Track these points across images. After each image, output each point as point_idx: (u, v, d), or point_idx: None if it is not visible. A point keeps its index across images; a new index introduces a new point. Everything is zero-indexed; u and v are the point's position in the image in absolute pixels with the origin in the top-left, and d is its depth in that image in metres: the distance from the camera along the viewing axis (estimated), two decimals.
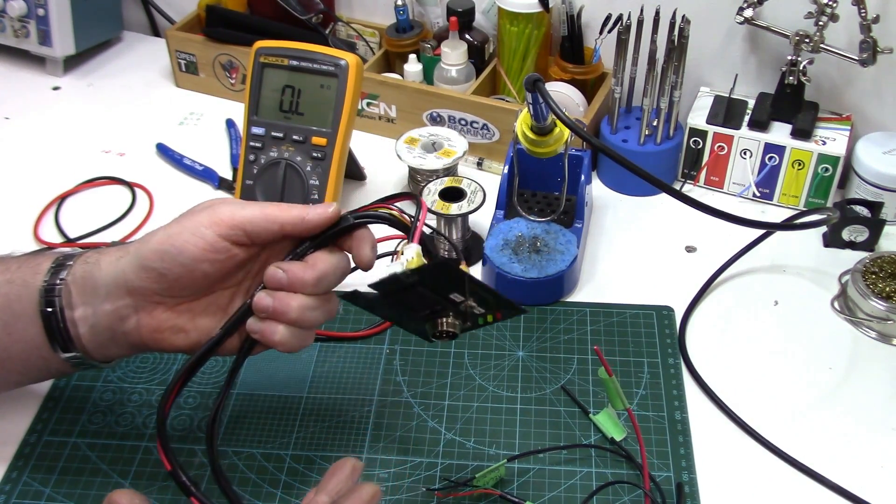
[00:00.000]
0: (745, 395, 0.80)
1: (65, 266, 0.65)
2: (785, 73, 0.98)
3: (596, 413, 0.78)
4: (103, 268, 0.63)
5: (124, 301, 0.63)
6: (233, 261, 0.63)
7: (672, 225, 1.00)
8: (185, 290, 0.63)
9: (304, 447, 0.76)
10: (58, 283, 0.64)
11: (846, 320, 0.88)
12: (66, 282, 0.63)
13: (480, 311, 0.61)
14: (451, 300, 0.60)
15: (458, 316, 0.61)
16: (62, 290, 0.63)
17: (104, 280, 0.63)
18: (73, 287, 0.63)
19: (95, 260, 0.64)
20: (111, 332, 0.64)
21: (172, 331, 0.64)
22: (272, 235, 0.63)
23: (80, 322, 0.64)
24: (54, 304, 0.63)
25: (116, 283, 0.62)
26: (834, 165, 0.97)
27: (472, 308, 0.60)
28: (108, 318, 0.63)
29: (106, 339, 0.64)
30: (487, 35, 1.14)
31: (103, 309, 0.63)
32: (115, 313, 0.63)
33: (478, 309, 0.60)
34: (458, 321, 0.62)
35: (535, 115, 0.77)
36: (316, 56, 0.90)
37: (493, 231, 0.92)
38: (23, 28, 1.22)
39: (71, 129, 1.17)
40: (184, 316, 0.64)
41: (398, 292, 0.60)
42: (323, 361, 0.84)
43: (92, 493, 0.72)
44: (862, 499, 0.72)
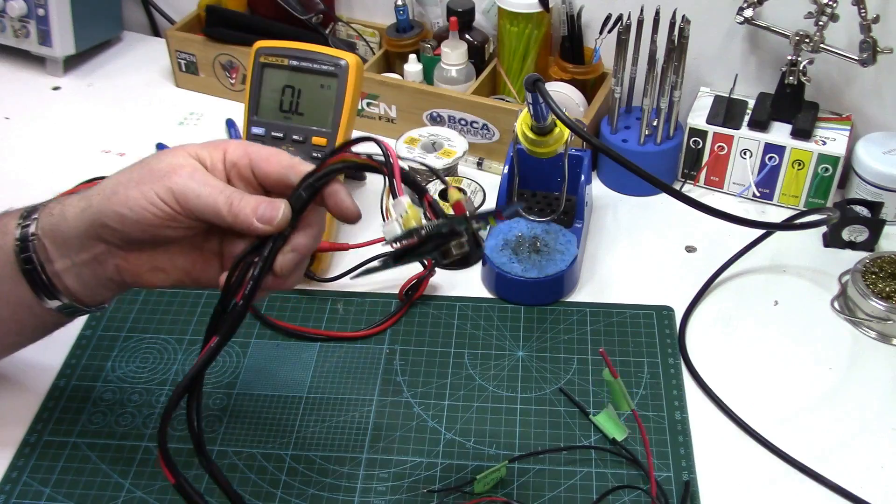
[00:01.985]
0: (745, 395, 0.80)
1: (31, 220, 0.63)
2: (785, 73, 0.98)
3: (596, 413, 0.78)
4: (70, 220, 0.62)
5: (99, 248, 0.62)
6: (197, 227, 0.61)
7: (672, 225, 1.00)
8: (152, 244, 0.62)
9: (304, 447, 0.76)
10: (30, 240, 0.63)
11: (846, 320, 0.88)
12: (37, 236, 0.63)
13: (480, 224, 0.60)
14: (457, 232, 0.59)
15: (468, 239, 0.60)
16: (36, 245, 0.63)
17: (74, 232, 0.62)
18: (45, 241, 0.63)
19: (60, 212, 0.63)
20: (96, 278, 0.63)
21: (151, 272, 0.63)
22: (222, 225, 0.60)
23: (64, 274, 0.63)
24: (32, 260, 0.63)
25: (87, 233, 0.61)
26: (834, 165, 0.97)
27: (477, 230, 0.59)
28: (88, 265, 0.63)
29: (93, 284, 0.64)
30: (487, 35, 1.14)
31: (81, 258, 0.62)
32: (94, 260, 0.62)
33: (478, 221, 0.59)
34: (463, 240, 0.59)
35: (535, 115, 0.77)
36: (316, 56, 0.90)
37: (493, 231, 0.92)
38: (23, 28, 1.22)
39: (71, 129, 1.17)
40: (161, 256, 0.63)
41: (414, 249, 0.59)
42: (323, 361, 0.84)
43: (92, 493, 0.72)
44: (862, 499, 0.72)
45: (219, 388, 0.81)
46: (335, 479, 0.74)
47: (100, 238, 0.62)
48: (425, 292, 0.90)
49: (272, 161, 0.61)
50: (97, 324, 0.87)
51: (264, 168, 0.61)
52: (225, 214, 0.59)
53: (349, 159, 0.60)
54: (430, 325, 0.87)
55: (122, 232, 0.60)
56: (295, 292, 0.91)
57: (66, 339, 0.85)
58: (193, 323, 0.87)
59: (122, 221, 0.60)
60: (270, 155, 0.62)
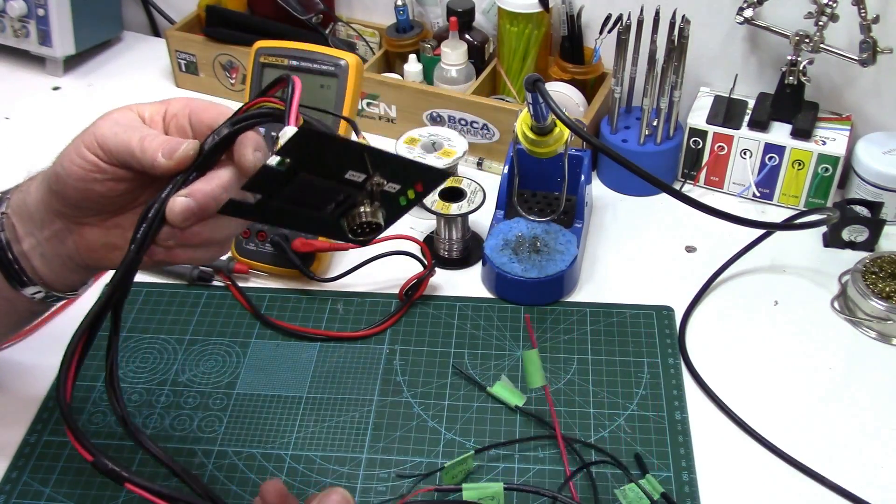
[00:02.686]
0: (745, 395, 0.80)
1: (3, 200, 0.63)
2: (785, 73, 0.98)
3: (491, 386, 0.79)
4: (32, 193, 0.61)
5: (56, 224, 0.61)
6: (128, 180, 0.58)
7: (672, 225, 1.00)
8: (93, 208, 0.60)
9: (304, 447, 0.76)
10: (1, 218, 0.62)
11: (846, 320, 0.88)
12: (7, 215, 0.62)
13: (394, 188, 0.52)
14: (352, 182, 0.52)
15: (373, 201, 0.53)
16: (4, 223, 0.62)
17: (35, 206, 0.61)
18: (14, 219, 0.62)
19: (26, 187, 0.62)
20: (59, 258, 0.62)
21: (106, 248, 0.61)
22: (147, 169, 0.57)
23: (31, 254, 0.62)
24: (1, 240, 0.61)
25: (45, 207, 0.60)
26: (834, 165, 0.97)
27: (380, 186, 0.52)
28: (50, 244, 0.61)
29: (58, 266, 0.62)
30: (487, 35, 1.14)
31: (43, 235, 0.61)
32: (55, 237, 0.61)
33: (390, 185, 0.52)
34: (375, 208, 0.53)
35: (535, 115, 0.77)
36: (316, 56, 0.90)
37: (493, 231, 0.92)
38: (23, 28, 1.22)
39: (71, 129, 1.16)
40: (113, 231, 0.61)
41: (280, 187, 0.52)
42: (323, 361, 0.84)
43: (92, 493, 0.72)
44: (862, 499, 0.72)
45: (219, 388, 0.81)
46: (335, 479, 0.74)
47: (53, 210, 0.60)
48: (425, 292, 0.90)
49: (210, 111, 0.59)
50: None
51: (201, 117, 0.59)
52: (136, 152, 0.56)
53: (268, 104, 0.56)
54: (430, 325, 0.87)
55: (62, 194, 0.59)
56: (295, 292, 0.91)
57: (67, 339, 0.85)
58: (193, 323, 0.87)
59: (58, 181, 0.58)
60: (209, 106, 0.60)
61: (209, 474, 0.74)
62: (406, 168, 0.52)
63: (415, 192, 0.53)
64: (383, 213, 0.54)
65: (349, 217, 0.54)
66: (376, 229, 0.54)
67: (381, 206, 0.53)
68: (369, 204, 0.53)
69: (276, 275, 0.93)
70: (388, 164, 0.51)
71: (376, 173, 0.51)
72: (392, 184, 0.52)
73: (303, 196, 0.53)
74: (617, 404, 0.79)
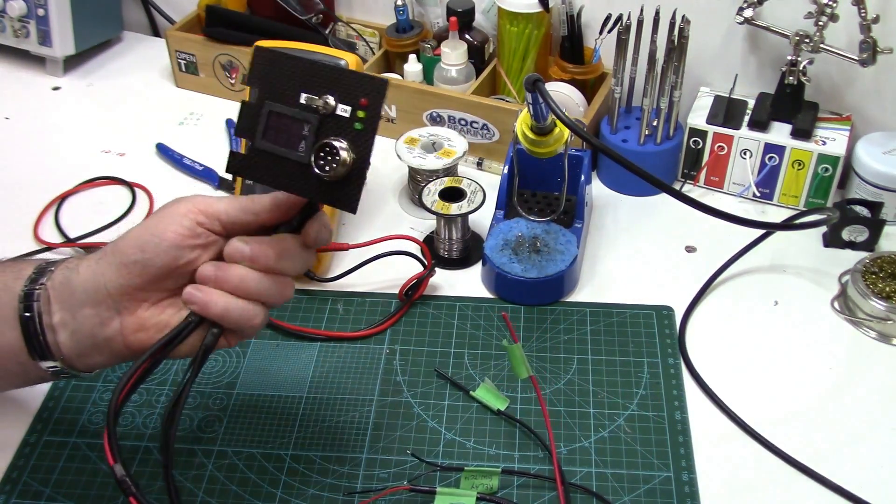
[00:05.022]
0: (745, 395, 0.80)
1: (46, 272, 0.64)
2: (785, 73, 0.98)
3: (474, 389, 0.79)
4: (81, 272, 0.62)
5: (105, 303, 0.61)
6: (211, 246, 0.62)
7: (672, 225, 1.00)
8: (167, 280, 0.62)
9: (304, 447, 0.76)
10: (37, 288, 0.62)
11: (846, 320, 0.88)
12: (45, 286, 0.62)
13: (346, 111, 0.56)
14: (309, 108, 0.57)
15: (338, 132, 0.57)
16: (41, 294, 0.62)
17: (83, 285, 0.62)
18: (51, 292, 0.62)
19: (75, 265, 0.63)
20: (93, 339, 0.62)
21: (157, 328, 0.62)
22: (246, 225, 0.62)
23: (59, 328, 0.62)
24: (32, 308, 0.62)
25: (95, 286, 0.61)
26: (834, 165, 0.97)
27: (331, 109, 0.56)
28: (89, 322, 0.62)
29: (87, 346, 0.63)
30: (487, 35, 1.14)
31: (83, 313, 0.62)
32: (97, 317, 0.62)
33: (341, 108, 0.56)
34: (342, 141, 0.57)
35: (535, 115, 0.77)
36: (316, 56, 0.90)
37: (493, 231, 0.92)
38: (23, 28, 1.22)
39: (71, 129, 1.17)
40: (167, 311, 0.62)
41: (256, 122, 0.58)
42: (323, 361, 0.84)
43: (92, 493, 0.72)
44: (862, 499, 0.72)
45: (219, 388, 0.81)
46: (335, 479, 0.74)
47: (108, 291, 0.61)
48: (425, 292, 0.90)
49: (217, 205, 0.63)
50: None
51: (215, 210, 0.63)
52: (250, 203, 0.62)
53: None
54: (430, 325, 0.87)
55: (141, 264, 0.60)
56: (295, 292, 0.91)
57: None
58: None
59: (142, 249, 0.60)
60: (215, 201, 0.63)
61: (209, 474, 0.74)
62: (348, 81, 0.55)
63: (363, 109, 0.56)
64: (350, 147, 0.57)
65: (315, 149, 0.57)
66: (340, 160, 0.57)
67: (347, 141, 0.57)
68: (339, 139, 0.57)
69: None
70: (332, 78, 0.55)
71: (325, 92, 0.55)
72: (342, 105, 0.56)
73: (276, 134, 0.58)
74: (617, 404, 0.79)
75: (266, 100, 0.59)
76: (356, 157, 0.57)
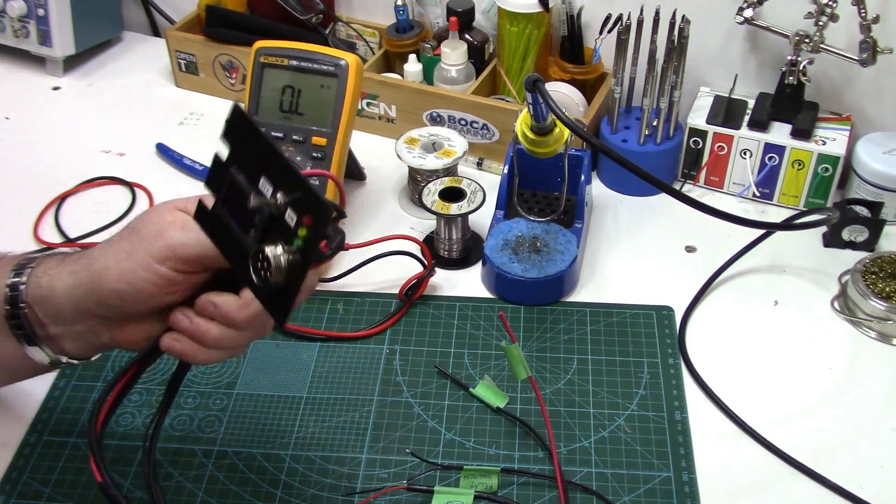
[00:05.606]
0: (745, 395, 0.80)
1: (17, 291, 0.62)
2: (785, 73, 0.98)
3: (474, 387, 0.79)
4: (59, 294, 0.62)
5: (93, 321, 0.62)
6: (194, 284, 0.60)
7: (672, 225, 1.00)
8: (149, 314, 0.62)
9: (304, 447, 0.76)
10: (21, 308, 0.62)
11: (846, 320, 0.88)
12: (28, 304, 0.62)
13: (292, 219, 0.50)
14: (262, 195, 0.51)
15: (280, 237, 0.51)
16: (27, 315, 0.62)
17: (66, 307, 0.62)
18: (36, 309, 0.62)
19: (48, 284, 0.62)
20: (91, 345, 0.64)
21: (147, 339, 0.63)
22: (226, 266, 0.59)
23: (60, 338, 0.63)
24: (23, 327, 0.62)
25: (77, 309, 0.61)
26: (834, 165, 0.97)
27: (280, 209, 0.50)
28: (83, 335, 0.63)
29: (90, 349, 0.65)
30: (487, 35, 1.14)
31: (75, 329, 0.63)
32: (89, 331, 0.63)
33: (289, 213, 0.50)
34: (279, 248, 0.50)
35: (535, 115, 0.77)
36: (316, 56, 0.90)
37: (493, 231, 0.92)
38: (23, 28, 1.22)
39: (71, 129, 1.17)
40: (156, 326, 0.63)
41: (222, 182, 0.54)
42: (323, 361, 0.84)
43: (92, 494, 0.72)
44: (862, 499, 0.72)
45: (219, 388, 0.81)
46: (335, 479, 0.74)
47: (94, 314, 0.62)
48: (425, 292, 0.90)
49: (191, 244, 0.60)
50: None
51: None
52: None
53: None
54: (430, 325, 0.87)
55: (122, 308, 0.60)
56: None
57: None
58: None
59: (121, 298, 0.60)
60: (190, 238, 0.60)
61: (209, 474, 0.74)
62: (301, 191, 0.50)
63: (305, 227, 0.50)
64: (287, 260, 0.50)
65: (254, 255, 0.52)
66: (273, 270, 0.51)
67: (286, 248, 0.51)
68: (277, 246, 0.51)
69: None
70: (289, 179, 0.50)
71: (279, 188, 0.50)
72: (290, 211, 0.50)
73: (233, 207, 0.54)
74: (617, 404, 0.79)
75: (232, 165, 0.54)
76: (293, 269, 0.51)
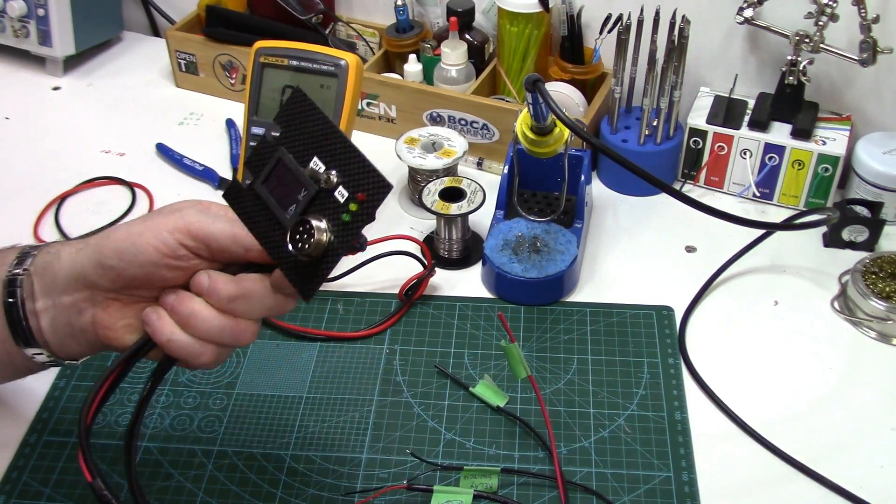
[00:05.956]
0: (745, 394, 0.80)
1: (29, 256, 0.63)
2: (785, 73, 0.98)
3: (474, 386, 0.79)
4: (63, 259, 0.61)
5: (82, 294, 0.61)
6: (193, 269, 0.59)
7: (672, 225, 1.00)
8: (140, 290, 0.61)
9: (304, 447, 0.76)
10: (20, 274, 0.62)
11: (846, 320, 0.88)
12: (28, 272, 0.62)
13: (342, 196, 0.52)
14: (314, 174, 0.53)
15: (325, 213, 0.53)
16: (24, 280, 0.62)
17: (63, 272, 0.61)
18: (34, 278, 0.62)
19: (56, 251, 0.62)
20: (70, 328, 0.62)
21: (126, 329, 0.61)
22: (235, 257, 0.59)
23: (42, 314, 0.62)
24: (16, 294, 0.61)
25: (75, 275, 0.60)
26: (834, 165, 0.97)
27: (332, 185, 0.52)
28: (66, 311, 0.61)
29: (65, 335, 0.62)
30: (487, 35, 1.14)
31: (62, 301, 0.61)
32: (73, 306, 0.61)
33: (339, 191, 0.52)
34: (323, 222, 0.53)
35: (535, 115, 0.77)
36: (316, 56, 0.90)
37: (493, 231, 0.92)
38: (23, 28, 1.22)
39: (71, 129, 1.17)
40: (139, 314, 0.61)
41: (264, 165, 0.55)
42: (323, 361, 0.84)
43: (92, 493, 0.72)
44: (862, 499, 0.72)
45: (219, 388, 0.81)
46: (335, 479, 0.74)
47: (85, 283, 0.60)
48: (425, 292, 0.90)
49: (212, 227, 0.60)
50: None
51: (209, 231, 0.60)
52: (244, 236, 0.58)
53: None
54: (430, 325, 0.87)
55: (116, 271, 0.59)
56: None
57: None
58: None
59: (119, 256, 0.59)
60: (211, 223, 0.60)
61: (209, 474, 0.74)
62: (359, 168, 0.51)
63: (357, 203, 0.52)
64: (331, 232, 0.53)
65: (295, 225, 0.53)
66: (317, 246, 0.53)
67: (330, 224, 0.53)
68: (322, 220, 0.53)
69: None
70: (345, 156, 0.52)
71: (333, 166, 0.52)
72: (342, 189, 0.52)
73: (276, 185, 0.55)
74: (617, 404, 0.79)
75: (282, 144, 0.56)
76: (331, 245, 0.53)
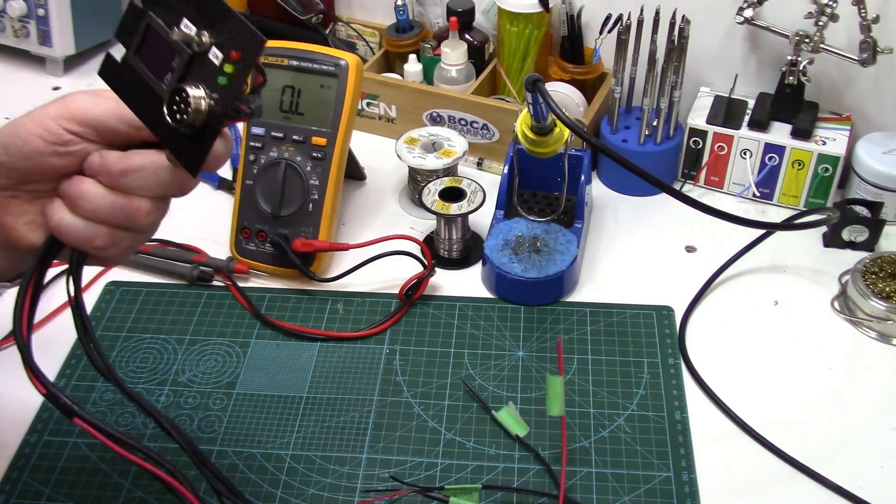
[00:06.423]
0: (745, 395, 0.80)
1: None
2: (785, 73, 0.98)
3: (497, 410, 0.78)
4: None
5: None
6: (85, 153, 0.56)
7: (672, 225, 1.00)
8: (37, 184, 0.58)
9: (304, 447, 0.76)
10: None
11: (846, 320, 0.88)
12: None
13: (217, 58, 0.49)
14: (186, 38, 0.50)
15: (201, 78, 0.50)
16: None
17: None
18: None
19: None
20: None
21: (29, 226, 0.59)
22: (127, 139, 0.56)
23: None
24: None
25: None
26: (834, 165, 0.97)
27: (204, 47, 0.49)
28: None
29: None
30: (487, 35, 1.14)
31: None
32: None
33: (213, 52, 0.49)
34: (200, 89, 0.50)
35: (535, 115, 0.77)
36: (316, 56, 0.90)
37: (493, 231, 0.92)
38: (23, 28, 1.22)
39: None
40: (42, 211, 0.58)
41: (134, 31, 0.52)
42: (323, 361, 0.84)
43: (92, 494, 0.72)
44: (862, 499, 0.72)
45: (219, 388, 0.81)
46: (335, 479, 0.74)
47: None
48: (425, 292, 0.90)
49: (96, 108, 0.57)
50: (97, 324, 0.87)
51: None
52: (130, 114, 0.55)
53: None
54: (430, 325, 0.87)
55: (7, 164, 0.57)
56: (295, 292, 0.91)
57: (66, 340, 0.85)
58: (193, 323, 0.88)
59: (6, 150, 0.57)
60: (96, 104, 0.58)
61: None
62: (232, 26, 0.48)
63: (231, 63, 0.49)
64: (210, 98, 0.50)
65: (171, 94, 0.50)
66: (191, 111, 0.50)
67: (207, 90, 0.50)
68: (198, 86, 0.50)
69: (276, 275, 0.93)
70: (217, 14, 0.49)
71: (204, 26, 0.49)
72: (215, 50, 0.49)
73: (148, 54, 0.52)
74: (617, 404, 0.79)
75: (149, 10, 0.52)
76: (213, 113, 0.50)
